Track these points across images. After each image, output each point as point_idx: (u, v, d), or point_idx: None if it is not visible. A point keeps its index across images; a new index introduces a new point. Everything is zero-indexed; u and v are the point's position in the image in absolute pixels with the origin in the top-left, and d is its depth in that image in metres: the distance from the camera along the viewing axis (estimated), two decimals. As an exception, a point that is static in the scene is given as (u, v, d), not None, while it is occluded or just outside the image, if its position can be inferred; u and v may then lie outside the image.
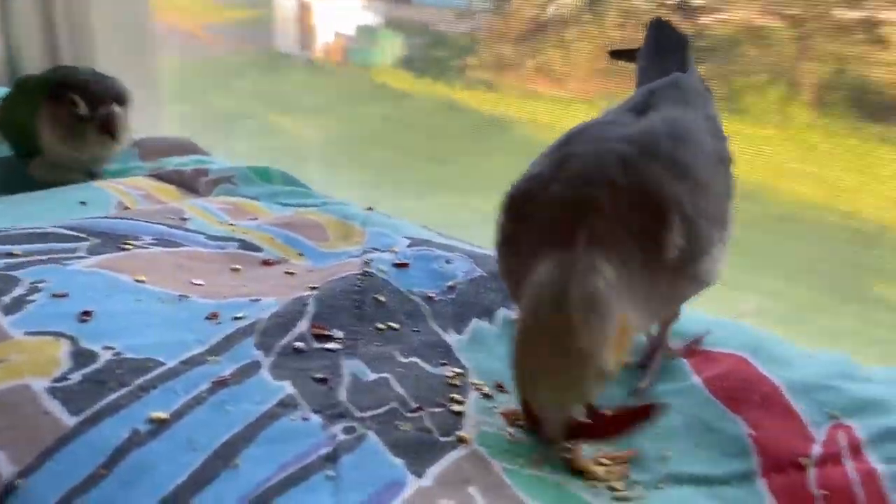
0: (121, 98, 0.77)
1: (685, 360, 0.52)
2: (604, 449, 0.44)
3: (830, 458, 0.42)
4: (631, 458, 0.43)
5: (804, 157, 0.88)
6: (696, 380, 0.50)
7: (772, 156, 0.88)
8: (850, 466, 0.42)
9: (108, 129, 0.75)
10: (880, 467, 0.41)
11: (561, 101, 1.32)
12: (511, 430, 0.44)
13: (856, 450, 0.43)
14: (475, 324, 0.57)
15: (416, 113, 1.74)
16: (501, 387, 0.49)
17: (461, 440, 0.42)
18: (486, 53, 1.52)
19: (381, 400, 0.44)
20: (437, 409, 0.45)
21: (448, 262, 0.62)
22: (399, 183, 1.49)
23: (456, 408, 0.45)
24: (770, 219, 0.85)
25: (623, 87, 1.17)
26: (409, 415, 0.44)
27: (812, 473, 0.41)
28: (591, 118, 0.50)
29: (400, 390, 0.46)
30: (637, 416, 0.41)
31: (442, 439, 0.42)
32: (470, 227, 1.31)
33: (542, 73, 1.36)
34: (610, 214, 0.40)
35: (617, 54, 0.63)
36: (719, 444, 0.44)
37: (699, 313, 0.58)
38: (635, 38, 1.21)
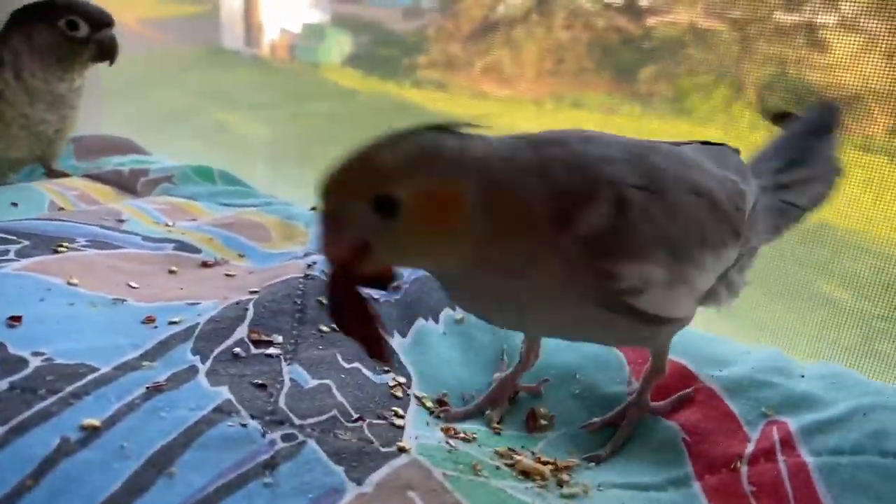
0: (111, 20, 0.73)
1: (625, 360, 0.53)
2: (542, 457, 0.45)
3: (763, 454, 0.44)
4: (568, 466, 0.44)
5: (747, 156, 0.91)
6: (636, 384, 0.50)
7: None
8: (781, 461, 0.43)
9: (109, 53, 0.73)
10: (810, 460, 0.42)
11: (510, 102, 1.33)
12: (451, 442, 0.44)
13: (787, 444, 0.44)
14: (419, 324, 0.57)
15: (364, 111, 1.73)
16: (443, 401, 0.50)
17: (401, 450, 0.42)
18: (436, 53, 1.52)
19: (322, 408, 0.44)
20: (378, 421, 0.45)
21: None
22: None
23: (397, 421, 0.45)
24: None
25: (571, 88, 1.19)
26: (349, 424, 0.43)
27: (744, 471, 0.43)
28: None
29: (341, 399, 0.46)
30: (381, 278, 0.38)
31: (383, 449, 0.42)
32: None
33: (491, 74, 1.37)
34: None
35: (775, 117, 0.58)
36: (654, 452, 0.45)
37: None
38: (580, 38, 1.22)
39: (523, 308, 0.40)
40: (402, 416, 0.46)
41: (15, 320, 0.46)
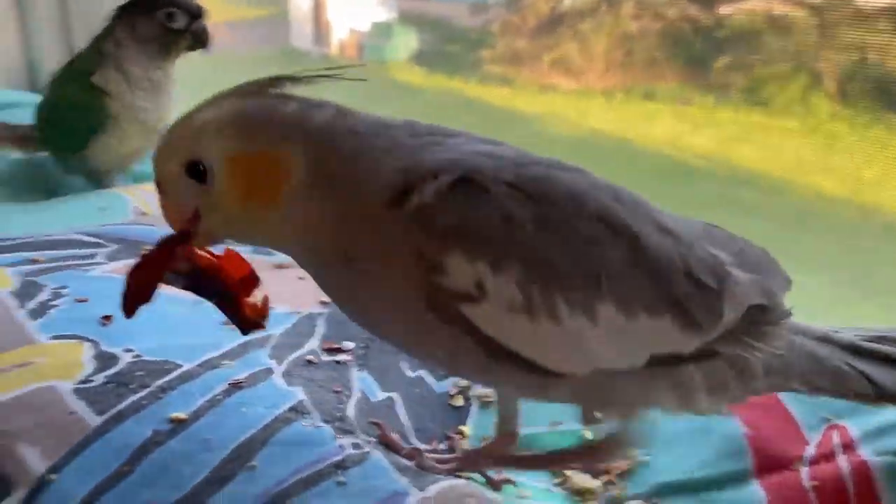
0: (204, 12, 0.79)
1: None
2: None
3: (823, 456, 0.44)
4: (625, 471, 0.45)
5: (827, 150, 0.88)
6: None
7: (794, 149, 0.88)
8: (842, 460, 0.43)
9: (203, 41, 0.79)
10: (872, 459, 0.43)
11: (579, 95, 1.33)
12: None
13: (849, 446, 0.44)
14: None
15: (430, 109, 1.75)
16: None
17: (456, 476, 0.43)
18: (502, 47, 1.52)
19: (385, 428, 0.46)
20: (434, 447, 0.47)
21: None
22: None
23: (458, 441, 0.47)
24: (791, 213, 0.86)
25: (642, 80, 1.17)
26: (407, 446, 0.45)
27: (804, 472, 0.43)
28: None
29: (403, 419, 0.48)
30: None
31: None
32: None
33: (559, 67, 1.36)
34: None
35: None
36: (715, 445, 0.46)
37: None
38: (651, 29, 1.20)
39: (366, 306, 0.36)
40: (461, 434, 0.48)
41: (106, 319, 0.50)
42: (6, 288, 0.52)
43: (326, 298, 0.57)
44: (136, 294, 0.38)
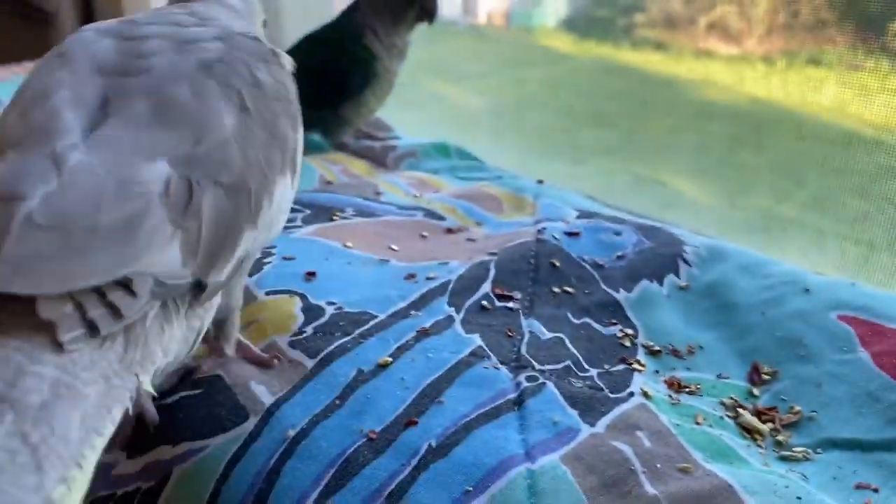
0: None
1: (853, 332, 0.53)
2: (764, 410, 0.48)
3: None
4: (792, 422, 0.47)
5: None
6: (864, 353, 0.51)
7: None
8: None
9: (430, 13, 0.87)
10: None
11: (738, 61, 1.29)
12: (675, 395, 0.49)
13: None
14: (644, 284, 0.61)
15: (580, 76, 1.75)
16: (676, 351, 0.54)
17: (630, 395, 0.47)
18: (655, 11, 1.50)
19: (558, 357, 0.51)
20: (607, 370, 0.50)
21: (617, 233, 0.66)
22: (560, 147, 1.53)
23: (623, 367, 0.51)
24: None
25: (807, 44, 1.13)
26: (581, 374, 0.49)
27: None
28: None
29: (574, 350, 0.52)
30: None
31: (612, 395, 0.47)
32: (629, 192, 1.33)
33: (716, 31, 1.33)
34: None
35: None
36: (883, 413, 0.47)
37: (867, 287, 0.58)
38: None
39: None
40: (630, 364, 0.52)
41: (311, 275, 0.58)
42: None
43: (495, 250, 0.63)
44: None
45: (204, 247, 0.35)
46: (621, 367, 0.51)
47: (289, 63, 0.47)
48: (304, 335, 0.51)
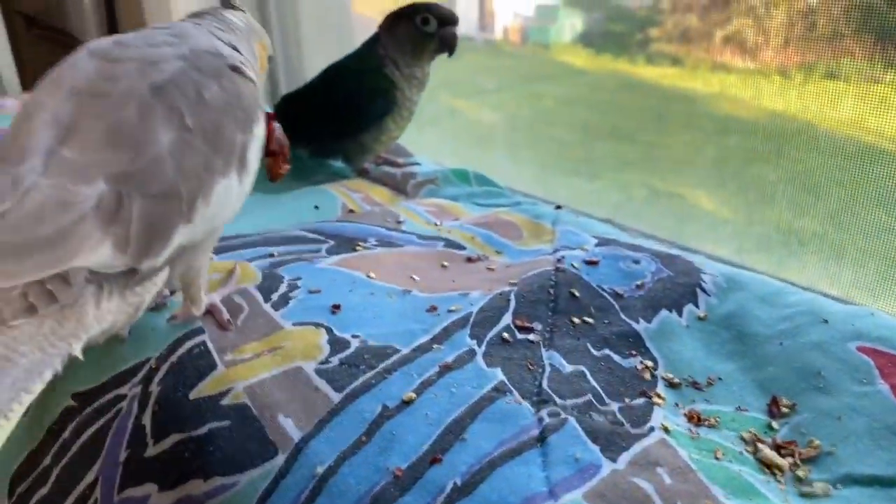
0: (457, 20, 0.89)
1: (872, 364, 0.54)
2: (784, 444, 0.49)
3: None
4: (811, 456, 0.48)
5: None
6: (883, 386, 0.52)
7: None
8: None
9: (449, 46, 0.88)
10: None
11: (754, 74, 1.29)
12: (694, 429, 0.50)
13: None
14: (664, 314, 0.62)
15: (596, 90, 1.76)
16: (696, 383, 0.55)
17: (651, 430, 0.48)
18: (670, 26, 1.50)
19: (579, 391, 0.51)
20: (627, 403, 0.51)
21: (636, 262, 0.67)
22: (577, 162, 1.53)
23: (643, 401, 0.52)
24: None
25: (824, 56, 1.13)
26: (602, 407, 0.50)
27: None
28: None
29: (594, 383, 0.53)
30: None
31: (633, 430, 0.48)
32: (646, 207, 1.33)
33: (731, 45, 1.33)
34: None
35: None
36: (902, 442, 0.47)
37: (886, 316, 0.59)
38: (837, 1, 1.15)
39: None
40: (649, 397, 0.52)
41: (336, 308, 0.59)
42: (254, 282, 0.63)
43: (515, 280, 0.64)
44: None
45: (134, 244, 0.43)
46: (641, 400, 0.52)
47: (253, 75, 0.55)
48: (330, 365, 0.53)
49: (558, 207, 0.82)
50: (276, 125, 0.69)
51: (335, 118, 0.92)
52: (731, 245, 1.21)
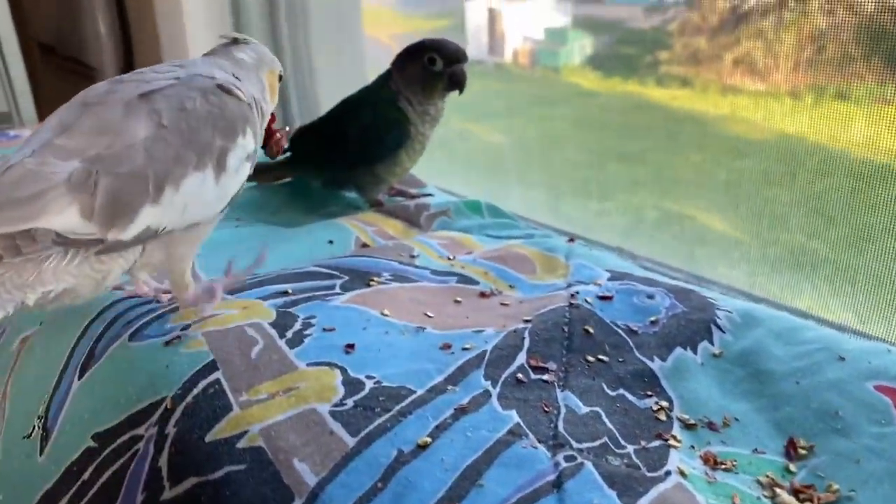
0: (465, 57, 0.90)
1: (890, 403, 0.54)
2: (802, 488, 0.48)
3: None
4: (830, 501, 0.47)
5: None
6: (901, 425, 0.51)
7: None
8: None
9: (458, 84, 0.89)
10: None
11: (764, 96, 1.29)
12: (711, 472, 0.49)
13: None
14: (678, 352, 0.62)
15: (606, 112, 1.76)
16: (712, 424, 0.54)
17: (667, 474, 0.48)
18: (680, 48, 1.51)
19: (595, 434, 0.51)
20: (643, 446, 0.51)
21: (650, 297, 0.67)
22: (587, 183, 1.54)
23: (659, 443, 0.51)
24: None
25: (834, 79, 1.13)
26: (618, 450, 0.50)
27: None
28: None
29: (610, 426, 0.53)
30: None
31: (649, 474, 0.48)
32: (658, 229, 1.33)
33: (741, 67, 1.33)
34: None
35: None
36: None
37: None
38: (845, 23, 1.15)
39: None
40: (665, 440, 0.52)
41: (350, 347, 0.59)
42: (268, 319, 0.63)
43: (529, 317, 0.64)
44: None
45: (98, 214, 0.51)
46: (657, 442, 0.52)
47: (243, 94, 0.62)
48: (345, 407, 0.53)
49: (571, 240, 0.82)
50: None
51: (349, 150, 0.93)
52: (743, 268, 1.21)
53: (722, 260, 1.16)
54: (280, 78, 0.70)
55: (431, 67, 0.88)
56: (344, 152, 0.94)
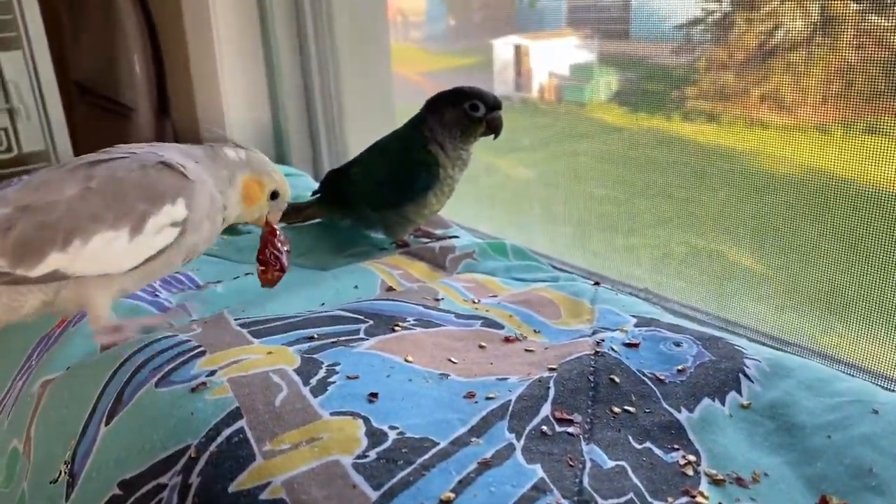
0: (501, 105, 0.93)
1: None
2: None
3: None
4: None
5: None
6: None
7: None
8: None
9: (496, 129, 0.92)
10: None
11: (792, 131, 1.28)
12: None
13: None
14: (706, 403, 0.61)
15: (632, 147, 1.76)
16: (740, 479, 0.53)
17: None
18: (706, 84, 1.51)
19: (620, 489, 0.50)
20: (670, 503, 0.50)
21: (677, 344, 0.66)
22: (614, 219, 1.53)
23: (686, 500, 0.50)
24: None
25: (863, 113, 1.12)
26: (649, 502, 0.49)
27: None
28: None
29: (636, 480, 0.52)
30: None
31: (678, 533, 0.47)
32: (685, 264, 1.32)
33: (769, 102, 1.33)
34: None
35: None
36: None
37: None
38: (874, 58, 1.15)
39: None
40: (693, 497, 0.51)
41: (373, 396, 0.59)
42: (292, 366, 0.63)
43: (554, 365, 0.64)
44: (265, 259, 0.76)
45: (9, 253, 0.62)
46: (684, 499, 0.51)
47: (188, 173, 0.68)
48: (368, 459, 0.52)
49: (596, 284, 0.82)
50: (280, 237, 0.76)
51: (378, 190, 0.95)
52: (772, 303, 1.19)
53: (749, 295, 1.15)
54: (275, 195, 0.74)
55: (473, 113, 0.90)
56: (373, 194, 0.96)
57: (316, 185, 1.11)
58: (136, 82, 1.46)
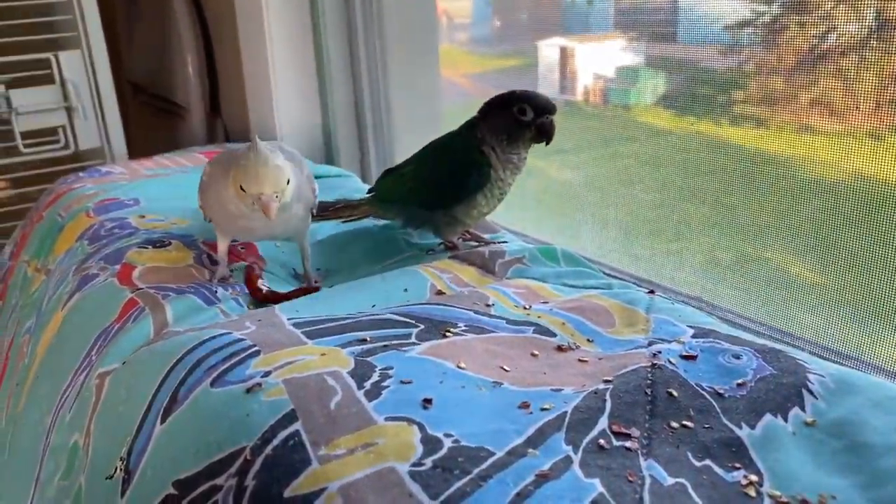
0: (555, 109, 0.92)
1: None
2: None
3: None
4: None
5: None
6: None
7: None
8: None
9: (546, 134, 0.90)
10: None
11: (843, 137, 1.25)
12: None
13: None
14: (768, 418, 0.59)
15: (679, 152, 1.73)
16: (806, 502, 0.51)
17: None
18: (755, 88, 1.48)
19: (683, 509, 0.49)
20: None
21: (736, 357, 0.65)
22: (660, 223, 1.51)
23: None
24: None
25: (916, 119, 1.08)
26: (713, 527, 0.48)
27: None
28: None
29: (696, 499, 0.50)
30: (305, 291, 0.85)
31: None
32: (732, 271, 1.29)
33: (819, 107, 1.30)
34: None
35: None
36: None
37: None
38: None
39: None
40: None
41: (427, 402, 0.59)
42: (346, 368, 0.63)
43: (610, 376, 0.63)
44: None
45: None
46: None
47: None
48: (424, 467, 0.52)
49: (651, 292, 0.80)
50: (255, 271, 0.92)
51: (429, 189, 0.96)
52: (822, 312, 1.16)
53: (799, 303, 1.12)
54: (263, 204, 0.78)
55: (521, 118, 0.89)
56: (424, 193, 0.96)
57: (364, 187, 1.12)
58: (189, 83, 1.48)
